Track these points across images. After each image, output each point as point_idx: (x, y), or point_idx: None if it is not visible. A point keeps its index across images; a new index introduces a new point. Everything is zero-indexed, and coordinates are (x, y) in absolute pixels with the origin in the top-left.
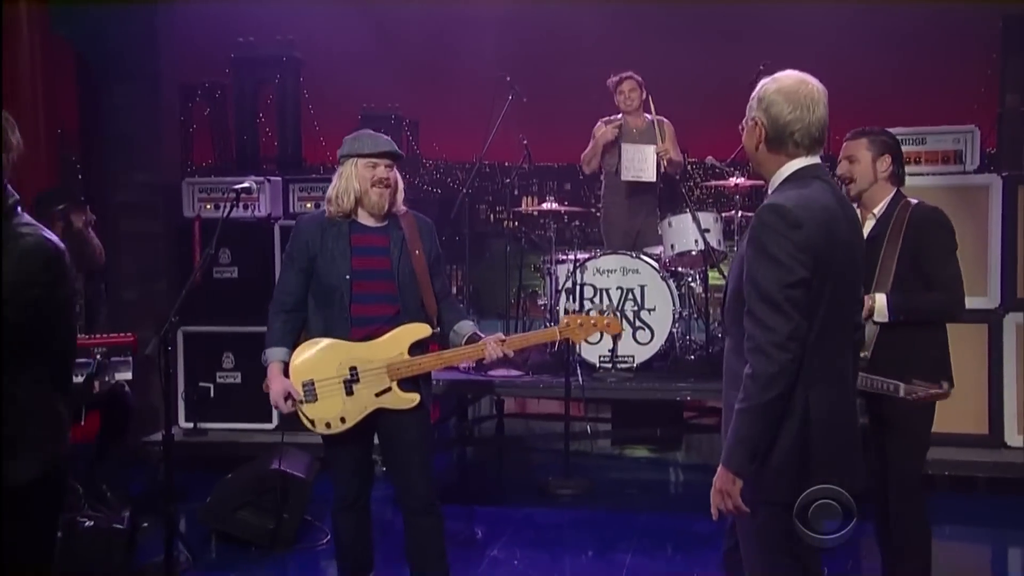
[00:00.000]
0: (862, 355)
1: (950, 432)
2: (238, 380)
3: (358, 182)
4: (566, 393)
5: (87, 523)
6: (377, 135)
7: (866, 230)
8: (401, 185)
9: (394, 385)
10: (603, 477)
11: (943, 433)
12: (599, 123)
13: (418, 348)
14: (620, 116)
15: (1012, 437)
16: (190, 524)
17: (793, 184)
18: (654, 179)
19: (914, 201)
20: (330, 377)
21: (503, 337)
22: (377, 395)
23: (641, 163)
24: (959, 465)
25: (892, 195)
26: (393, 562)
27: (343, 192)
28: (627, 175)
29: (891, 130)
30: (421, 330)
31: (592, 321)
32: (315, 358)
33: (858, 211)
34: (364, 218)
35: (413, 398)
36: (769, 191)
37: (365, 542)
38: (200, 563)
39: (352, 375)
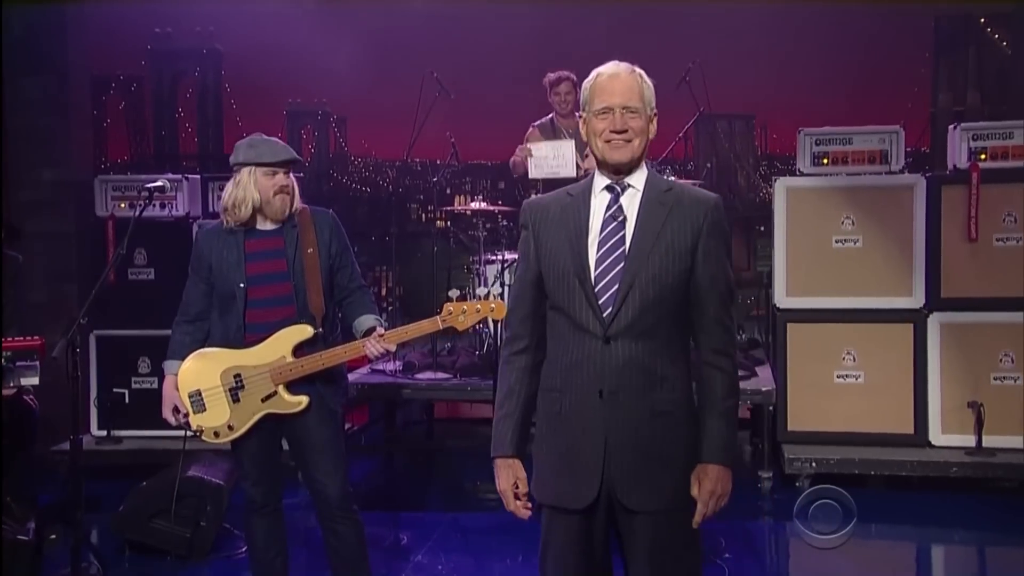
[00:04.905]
0: None
1: (877, 432)
2: (155, 385)
3: (258, 191)
4: (494, 395)
5: None
6: (273, 142)
7: None
8: (296, 187)
9: (279, 389)
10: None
11: (870, 433)
12: (531, 128)
13: (305, 349)
14: (550, 116)
15: (937, 437)
16: (103, 534)
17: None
18: (574, 174)
19: None
20: (215, 386)
21: (382, 332)
22: (263, 400)
23: (559, 159)
24: (886, 464)
25: None
26: (316, 572)
27: (241, 201)
28: (538, 173)
29: (819, 130)
30: (302, 332)
31: (476, 307)
32: (199, 368)
33: None
34: (261, 223)
35: (300, 401)
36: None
37: (279, 547)
38: (112, 573)
39: (237, 382)
